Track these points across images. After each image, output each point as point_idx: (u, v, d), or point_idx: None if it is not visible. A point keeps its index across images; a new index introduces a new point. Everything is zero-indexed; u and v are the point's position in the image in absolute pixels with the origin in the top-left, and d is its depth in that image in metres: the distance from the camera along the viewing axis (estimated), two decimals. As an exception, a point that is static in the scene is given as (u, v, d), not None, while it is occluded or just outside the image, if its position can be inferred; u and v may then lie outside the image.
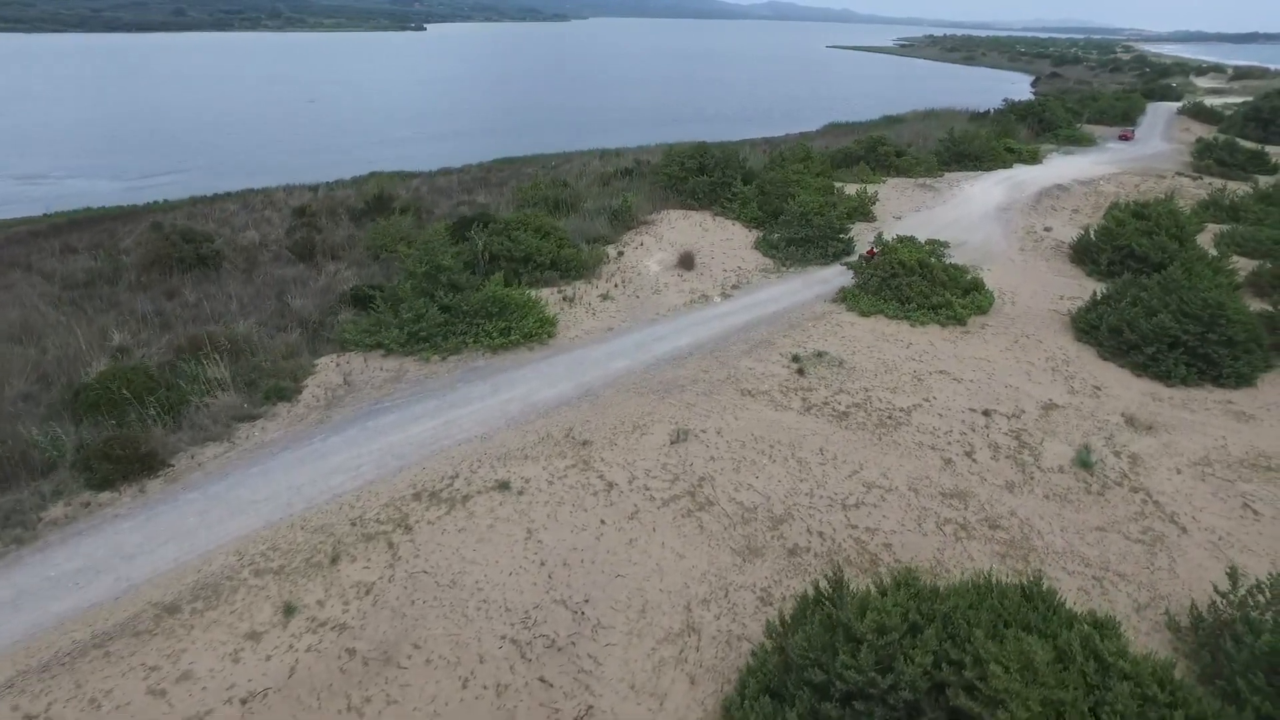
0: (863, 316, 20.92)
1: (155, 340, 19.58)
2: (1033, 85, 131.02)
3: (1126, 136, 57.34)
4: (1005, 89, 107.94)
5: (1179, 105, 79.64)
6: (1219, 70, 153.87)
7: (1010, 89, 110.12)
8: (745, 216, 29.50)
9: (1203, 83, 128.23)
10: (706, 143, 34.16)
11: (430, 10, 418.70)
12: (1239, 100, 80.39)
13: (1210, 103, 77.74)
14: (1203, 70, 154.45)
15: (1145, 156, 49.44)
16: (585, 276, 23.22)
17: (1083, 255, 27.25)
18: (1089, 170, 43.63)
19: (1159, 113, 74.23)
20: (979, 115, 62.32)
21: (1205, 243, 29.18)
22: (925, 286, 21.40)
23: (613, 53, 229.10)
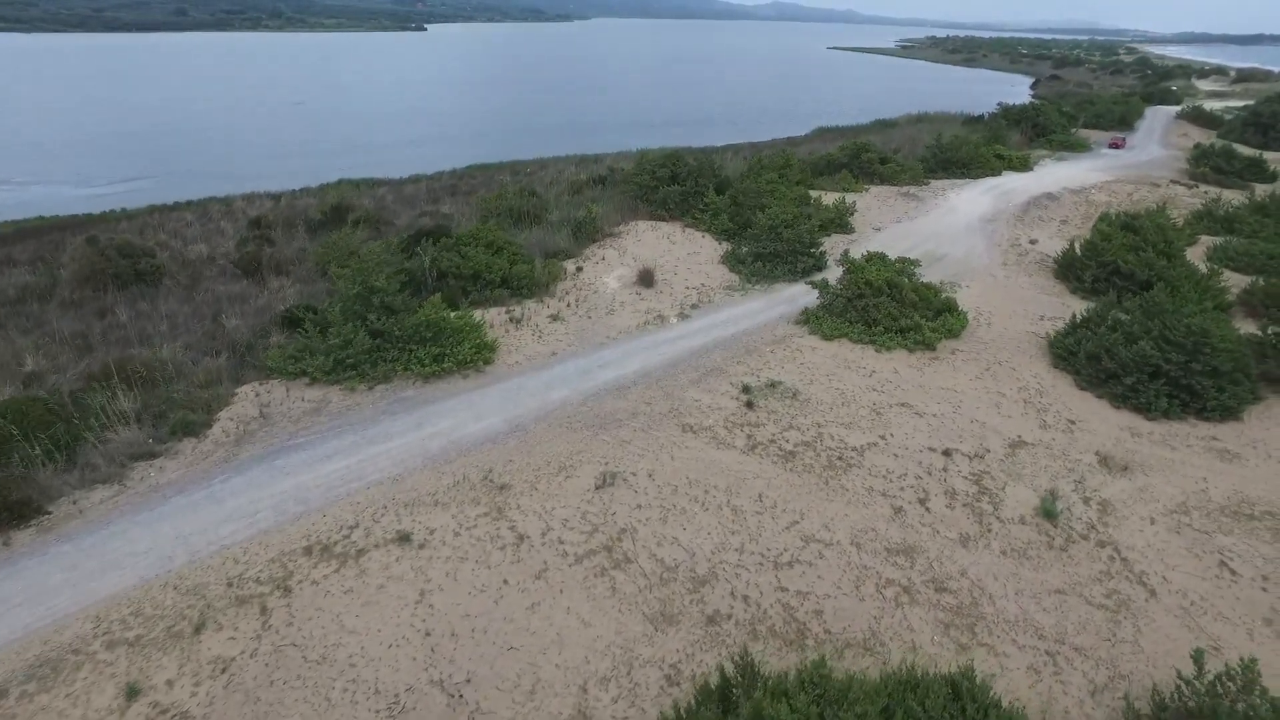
0: (825, 340, 19.66)
1: (73, 365, 18.44)
2: (1032, 88, 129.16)
3: (1118, 144, 53.85)
4: (1003, 92, 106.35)
5: (1178, 109, 78.08)
6: (1221, 73, 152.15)
7: (1008, 92, 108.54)
8: (716, 228, 28.28)
9: (1204, 85, 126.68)
10: (680, 150, 32.97)
11: (432, 10, 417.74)
12: (1240, 104, 78.90)
13: (1210, 106, 76.20)
14: (1205, 73, 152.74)
15: (1140, 163, 48.10)
16: (538, 295, 22.03)
17: (1067, 271, 25.97)
18: (1081, 178, 42.34)
19: (1157, 117, 72.79)
20: (973, 119, 60.88)
21: (1198, 256, 27.93)
22: (894, 308, 20.13)
23: (611, 53, 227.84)
